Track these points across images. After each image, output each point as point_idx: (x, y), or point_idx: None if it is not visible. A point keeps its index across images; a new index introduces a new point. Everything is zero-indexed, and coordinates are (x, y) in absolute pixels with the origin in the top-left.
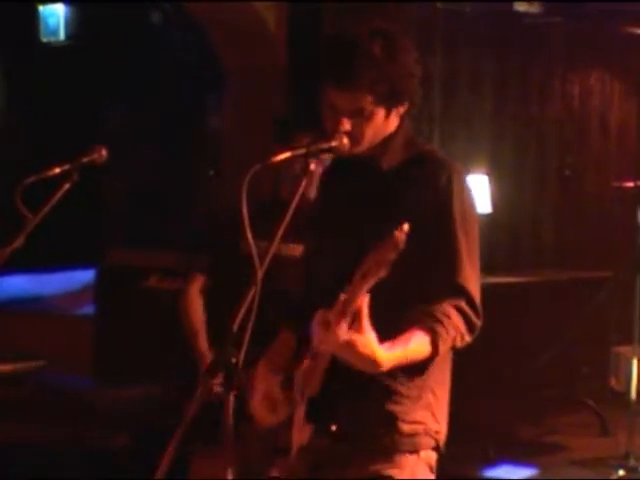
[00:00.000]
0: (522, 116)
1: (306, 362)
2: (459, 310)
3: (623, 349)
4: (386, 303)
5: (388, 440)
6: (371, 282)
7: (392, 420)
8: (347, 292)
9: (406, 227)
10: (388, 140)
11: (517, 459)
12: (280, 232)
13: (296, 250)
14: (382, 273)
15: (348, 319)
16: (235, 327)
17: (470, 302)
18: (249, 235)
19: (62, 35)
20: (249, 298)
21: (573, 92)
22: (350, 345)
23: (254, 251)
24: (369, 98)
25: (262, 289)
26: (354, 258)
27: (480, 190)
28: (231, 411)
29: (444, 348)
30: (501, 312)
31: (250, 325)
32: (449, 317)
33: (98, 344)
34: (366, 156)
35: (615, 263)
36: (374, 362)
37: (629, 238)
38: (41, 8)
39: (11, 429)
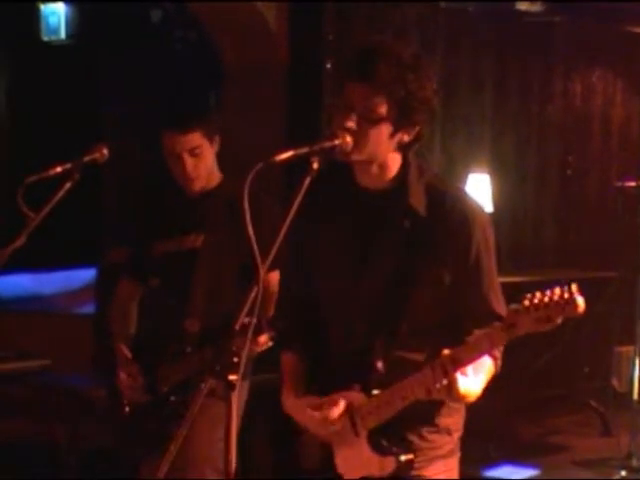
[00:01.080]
0: (523, 115)
1: (376, 395)
2: None
3: (625, 349)
4: (423, 336)
5: (447, 449)
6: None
7: (449, 432)
8: (453, 353)
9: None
10: (403, 175)
11: (519, 459)
12: (283, 233)
13: (197, 241)
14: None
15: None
16: (237, 326)
17: None
18: (251, 233)
19: (63, 34)
20: (251, 296)
21: (575, 91)
22: (467, 390)
23: (255, 250)
24: (383, 100)
25: (165, 285)
26: (380, 298)
27: (481, 189)
28: (236, 410)
29: (497, 371)
30: None
31: (253, 323)
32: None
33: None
34: (385, 190)
35: (617, 263)
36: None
37: (631, 238)
38: (42, 7)
39: (14, 427)
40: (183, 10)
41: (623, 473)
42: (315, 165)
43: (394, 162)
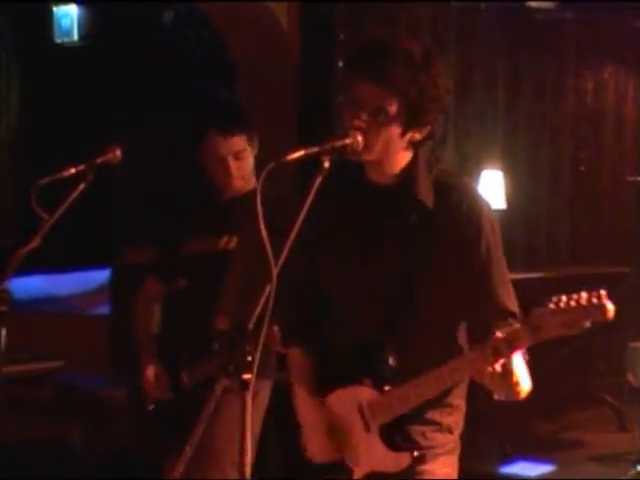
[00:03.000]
0: (536, 112)
1: (388, 391)
2: None
3: None
4: (433, 331)
5: (449, 447)
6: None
7: (451, 431)
8: (507, 336)
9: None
10: (411, 169)
11: (534, 455)
12: (294, 232)
13: (229, 243)
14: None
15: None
16: (251, 325)
17: None
18: (264, 234)
19: (75, 36)
20: (265, 295)
21: (587, 87)
22: (518, 383)
23: (269, 250)
24: (395, 101)
25: (194, 285)
26: (390, 293)
27: (494, 186)
28: (249, 410)
29: None
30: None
31: (266, 323)
32: None
33: (113, 344)
34: (394, 185)
35: (631, 258)
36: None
37: None
38: (55, 9)
39: (29, 428)
40: (195, 10)
41: (639, 468)
42: (326, 164)
43: (404, 158)
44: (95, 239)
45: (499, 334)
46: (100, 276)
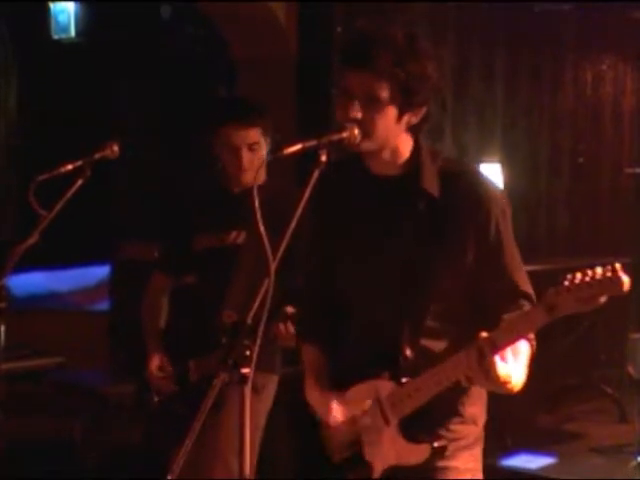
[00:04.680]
0: (534, 104)
1: (406, 383)
2: None
3: None
4: (446, 317)
5: (472, 439)
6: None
7: (474, 420)
8: (491, 335)
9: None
10: (415, 158)
11: (535, 447)
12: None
13: (238, 238)
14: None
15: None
16: (249, 319)
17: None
18: (262, 229)
19: (73, 32)
20: (263, 290)
21: (585, 79)
22: (508, 379)
23: (267, 243)
24: (385, 85)
25: (203, 280)
26: (403, 284)
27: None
28: (248, 404)
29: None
30: None
31: (264, 317)
32: None
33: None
34: (399, 175)
35: (630, 249)
36: (519, 386)
37: None
38: (51, 5)
39: (30, 425)
40: (193, 6)
41: (639, 459)
42: (323, 158)
43: (405, 146)
44: (94, 235)
45: (484, 334)
46: (99, 272)
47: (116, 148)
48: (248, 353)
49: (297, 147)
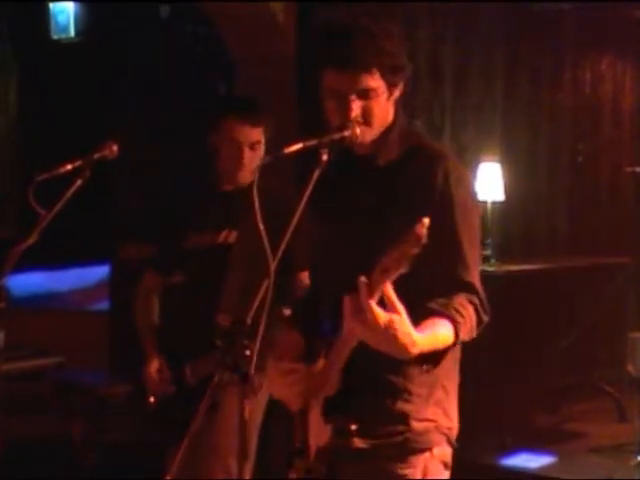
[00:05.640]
0: (534, 103)
1: (322, 361)
2: (472, 305)
3: None
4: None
5: (401, 439)
6: (392, 277)
7: (404, 419)
8: (368, 284)
9: (426, 221)
10: (386, 134)
11: (535, 447)
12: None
13: (230, 237)
14: (403, 269)
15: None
16: (249, 319)
17: (480, 299)
18: (261, 227)
19: (72, 32)
20: (263, 290)
21: (585, 78)
22: (390, 324)
23: (266, 243)
24: (375, 75)
25: (194, 279)
26: (360, 261)
27: (493, 178)
28: (248, 404)
29: (462, 338)
30: (516, 299)
31: (264, 317)
32: (466, 309)
33: (114, 339)
34: (366, 154)
35: (630, 249)
36: (412, 342)
37: None
38: (51, 5)
39: (30, 424)
40: (192, 5)
41: (639, 458)
42: (324, 157)
43: (387, 121)
44: (94, 235)
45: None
46: (99, 272)
47: (115, 148)
48: (248, 353)
49: (297, 146)
